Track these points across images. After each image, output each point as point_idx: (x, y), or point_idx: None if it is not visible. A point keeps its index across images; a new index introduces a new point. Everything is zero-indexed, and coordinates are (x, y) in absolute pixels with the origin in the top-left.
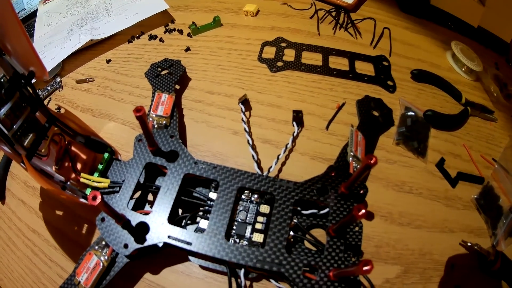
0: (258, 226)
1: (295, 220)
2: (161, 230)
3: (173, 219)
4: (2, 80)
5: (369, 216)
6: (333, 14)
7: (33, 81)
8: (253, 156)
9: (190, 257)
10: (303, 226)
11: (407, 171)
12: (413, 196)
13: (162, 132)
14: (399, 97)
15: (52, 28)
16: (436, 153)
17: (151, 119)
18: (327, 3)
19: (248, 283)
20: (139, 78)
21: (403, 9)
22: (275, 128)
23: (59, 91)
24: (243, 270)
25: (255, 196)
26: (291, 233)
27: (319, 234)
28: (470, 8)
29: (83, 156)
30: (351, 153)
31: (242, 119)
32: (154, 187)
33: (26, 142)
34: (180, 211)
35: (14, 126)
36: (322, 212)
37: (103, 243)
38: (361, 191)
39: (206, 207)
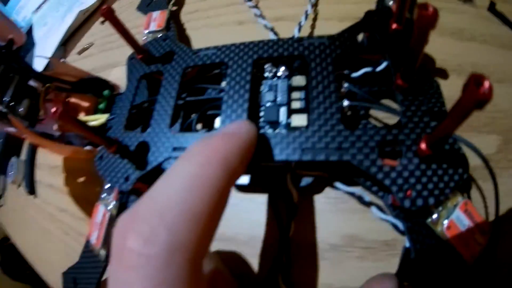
0: (296, 104)
1: (346, 85)
2: (164, 144)
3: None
4: None
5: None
6: None
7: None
8: (265, 26)
9: None
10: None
11: (460, 17)
12: (478, 44)
13: (155, 40)
14: None
15: (49, 25)
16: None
17: (145, 38)
18: None
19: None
20: (134, 19)
21: None
22: (286, 4)
23: None
24: (289, 176)
25: (282, 68)
26: (346, 102)
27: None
28: None
29: (85, 104)
30: None
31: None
32: None
33: (22, 110)
34: None
35: (5, 98)
36: (379, 68)
37: (108, 187)
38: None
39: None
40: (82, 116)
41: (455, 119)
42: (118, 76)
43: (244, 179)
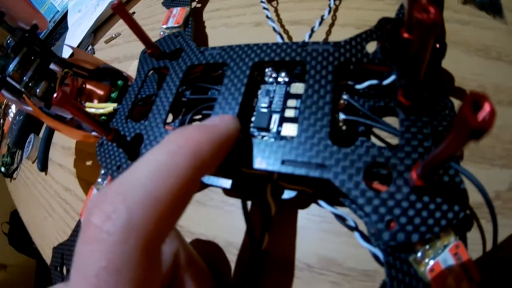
0: (290, 113)
1: (345, 97)
2: (156, 138)
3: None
4: (9, 41)
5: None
6: None
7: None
8: (274, 29)
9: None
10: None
11: (487, 34)
12: (504, 64)
13: (168, 37)
14: None
15: (82, 12)
16: None
17: (162, 33)
18: None
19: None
20: (159, 13)
21: None
22: (305, 8)
23: None
24: (269, 186)
25: (283, 74)
26: (342, 116)
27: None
28: None
29: (99, 92)
30: None
31: (261, 1)
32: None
33: (38, 92)
34: None
35: (24, 78)
36: (386, 81)
37: (103, 173)
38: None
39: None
40: (93, 103)
41: (447, 149)
42: (136, 68)
43: (226, 183)
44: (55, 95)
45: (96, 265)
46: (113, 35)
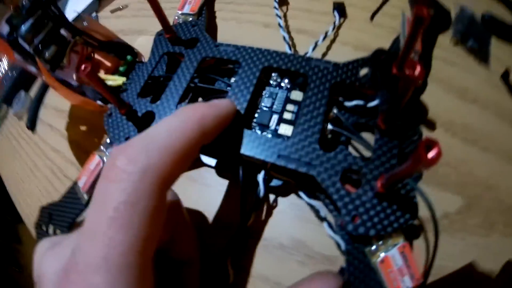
0: (287, 115)
1: (335, 111)
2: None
3: None
4: (24, 3)
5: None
6: None
7: None
8: (284, 38)
9: (202, 156)
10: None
11: (470, 77)
12: (477, 107)
13: (184, 24)
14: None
15: None
16: (500, 65)
17: (177, 17)
18: None
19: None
20: None
21: None
22: (312, 19)
23: None
24: (262, 173)
25: (286, 81)
26: (330, 126)
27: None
28: None
29: (107, 63)
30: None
31: (275, 7)
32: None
33: (47, 55)
34: None
35: (35, 41)
36: (370, 104)
37: (108, 141)
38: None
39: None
40: (102, 74)
41: (404, 171)
42: (143, 43)
43: (211, 162)
44: (82, 67)
45: (116, 199)
46: (121, 6)
